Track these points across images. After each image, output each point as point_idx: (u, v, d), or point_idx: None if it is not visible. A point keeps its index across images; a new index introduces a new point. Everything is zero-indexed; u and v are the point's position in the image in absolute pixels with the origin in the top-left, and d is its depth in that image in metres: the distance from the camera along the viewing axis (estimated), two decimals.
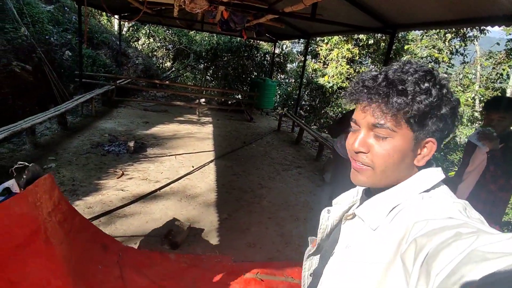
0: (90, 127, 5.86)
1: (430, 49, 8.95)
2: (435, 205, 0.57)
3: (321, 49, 11.67)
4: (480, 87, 8.18)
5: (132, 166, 4.44)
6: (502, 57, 7.89)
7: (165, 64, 13.96)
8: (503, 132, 2.03)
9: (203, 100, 9.59)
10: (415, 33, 10.84)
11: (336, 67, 10.17)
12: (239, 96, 10.35)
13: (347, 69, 10.17)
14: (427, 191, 0.62)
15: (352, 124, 0.68)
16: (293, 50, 14.54)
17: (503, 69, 7.15)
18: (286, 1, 3.94)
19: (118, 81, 7.96)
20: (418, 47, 9.63)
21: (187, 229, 2.91)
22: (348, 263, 0.64)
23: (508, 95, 7.78)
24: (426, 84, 0.59)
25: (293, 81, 13.26)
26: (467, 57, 9.42)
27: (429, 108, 0.59)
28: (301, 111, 12.13)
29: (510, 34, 7.68)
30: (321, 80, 10.66)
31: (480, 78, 8.44)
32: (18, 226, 1.49)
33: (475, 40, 9.20)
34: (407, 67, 0.61)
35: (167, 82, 8.88)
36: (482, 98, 8.00)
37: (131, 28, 13.00)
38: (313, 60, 12.35)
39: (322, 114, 11.96)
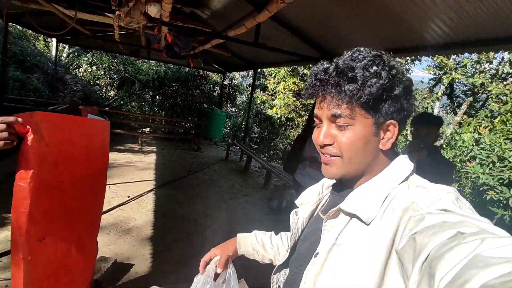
0: (13, 155, 5.09)
1: None
2: (427, 195, 0.55)
3: (269, 82, 12.12)
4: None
5: None
6: (426, 93, 8.90)
7: (109, 93, 13.28)
8: (430, 145, 2.13)
9: (147, 129, 9.13)
10: None
11: (283, 99, 10.55)
12: (187, 125, 10.08)
13: (293, 101, 10.59)
14: (408, 178, 0.63)
15: (314, 119, 0.69)
16: (243, 83, 14.92)
17: (428, 103, 8.02)
18: (230, 26, 3.97)
19: (50, 107, 7.22)
20: None
21: (112, 265, 2.48)
22: (340, 262, 0.61)
23: None
24: (375, 68, 0.59)
25: (242, 113, 13.43)
26: None
27: (382, 91, 0.59)
28: (251, 143, 12.19)
29: (430, 73, 8.74)
30: (269, 112, 10.92)
31: None
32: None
33: None
34: (356, 54, 0.62)
35: (106, 108, 8.29)
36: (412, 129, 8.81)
37: (71, 54, 12.29)
38: (261, 92, 12.73)
39: (272, 145, 12.14)
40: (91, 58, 12.43)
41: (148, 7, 3.01)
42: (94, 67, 12.66)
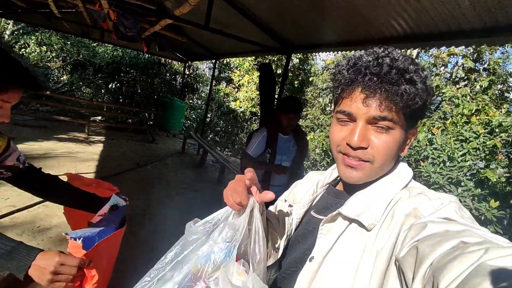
0: None
1: (329, 82, 9.77)
2: (429, 203, 0.54)
3: (234, 75, 11.80)
4: None
5: None
6: None
7: (62, 78, 12.23)
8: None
9: (99, 117, 8.46)
10: (318, 68, 11.85)
11: (247, 92, 10.29)
12: (143, 114, 9.49)
13: (257, 95, 10.38)
14: (408, 183, 0.62)
15: (340, 116, 0.62)
16: (208, 75, 14.46)
17: None
18: (176, 4, 3.60)
19: None
20: (320, 79, 10.45)
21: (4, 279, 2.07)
22: (336, 268, 0.59)
23: None
24: (425, 72, 0.58)
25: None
26: None
27: (425, 98, 0.58)
28: (216, 137, 11.82)
29: None
30: (232, 105, 10.61)
31: None
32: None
33: None
34: (394, 53, 0.59)
35: (47, 92, 7.49)
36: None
37: (15, 32, 11.11)
38: (225, 84, 12.39)
39: (237, 140, 11.86)
40: (40, 37, 11.31)
41: None
42: (44, 48, 11.56)
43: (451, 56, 6.75)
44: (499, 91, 6.81)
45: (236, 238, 0.60)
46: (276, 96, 4.42)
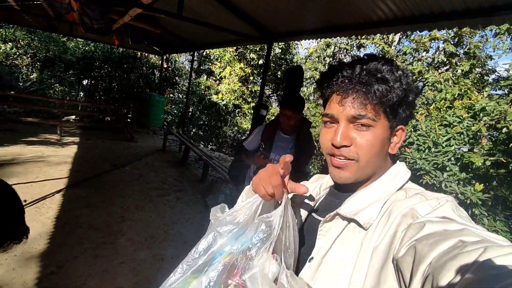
0: None
1: (312, 71, 9.63)
2: (426, 203, 0.55)
3: (214, 67, 11.44)
4: None
5: None
6: None
7: (31, 76, 11.50)
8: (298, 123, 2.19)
9: (73, 117, 8.01)
10: (300, 57, 11.67)
11: (229, 84, 10.01)
12: (120, 111, 9.07)
13: (240, 86, 10.12)
14: (405, 184, 0.64)
15: (325, 119, 0.67)
16: (187, 68, 14.01)
17: None
18: None
19: None
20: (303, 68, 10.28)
21: None
22: (334, 268, 0.60)
23: None
24: (400, 72, 0.61)
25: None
26: None
27: (403, 96, 0.61)
28: (199, 131, 11.50)
29: (378, 46, 8.78)
30: (214, 98, 10.31)
31: None
32: None
33: None
34: (372, 57, 0.63)
35: (12, 92, 6.94)
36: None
37: None
38: (206, 77, 12.04)
39: (221, 133, 11.58)
40: (4, 33, 10.54)
41: None
42: (9, 44, 10.79)
43: (433, 41, 6.70)
44: (479, 74, 6.84)
45: (273, 235, 0.59)
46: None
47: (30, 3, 4.92)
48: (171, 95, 12.39)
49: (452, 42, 6.45)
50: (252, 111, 11.25)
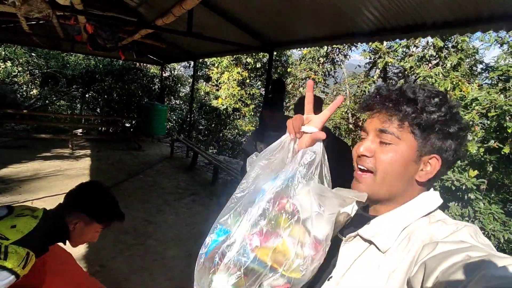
0: None
1: (307, 71, 9.93)
2: (445, 228, 0.57)
3: (212, 73, 11.72)
4: (350, 102, 9.45)
5: None
6: (363, 77, 9.33)
7: (32, 92, 11.70)
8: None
9: (80, 130, 8.25)
10: (295, 58, 11.97)
11: (228, 89, 10.30)
12: (127, 123, 9.33)
13: (238, 90, 10.41)
14: (430, 213, 0.62)
15: (361, 133, 0.69)
16: (184, 74, 14.26)
17: (365, 87, 8.44)
18: (157, 14, 3.59)
19: None
20: (298, 70, 10.59)
21: None
22: (353, 286, 0.61)
23: None
24: (437, 99, 0.60)
25: (187, 105, 12.86)
26: (337, 78, 10.84)
27: (436, 121, 0.59)
28: (199, 136, 11.77)
29: (366, 58, 9.15)
30: (214, 103, 10.59)
31: (349, 95, 9.78)
32: None
33: (342, 63, 10.69)
34: (421, 85, 0.64)
35: (24, 111, 7.22)
36: (353, 112, 9.28)
37: None
38: (204, 83, 12.31)
39: (221, 136, 11.86)
40: (3, 52, 10.74)
41: None
42: (8, 63, 10.99)
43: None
44: (468, 66, 7.19)
45: (317, 160, 0.61)
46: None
47: (39, 26, 5.17)
48: (170, 103, 12.65)
49: (440, 37, 6.81)
50: (251, 113, 11.55)
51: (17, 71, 11.06)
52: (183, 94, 12.94)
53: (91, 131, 8.62)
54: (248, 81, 11.31)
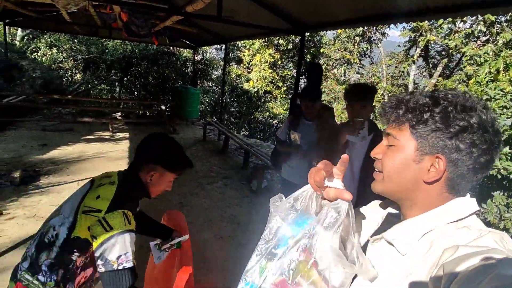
0: None
1: (342, 51, 9.52)
2: (469, 234, 0.57)
3: (244, 55, 11.65)
4: (386, 84, 8.97)
5: (16, 202, 3.59)
6: (401, 57, 8.76)
7: (75, 77, 12.44)
8: (367, 119, 2.08)
9: (119, 114, 8.67)
10: (328, 38, 11.50)
11: (260, 71, 10.20)
12: (162, 107, 9.64)
13: (270, 73, 10.28)
14: (461, 220, 0.61)
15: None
16: (216, 57, 14.31)
17: (404, 67, 7.92)
18: (186, 1, 3.59)
19: (5, 99, 6.66)
20: (332, 50, 10.18)
21: None
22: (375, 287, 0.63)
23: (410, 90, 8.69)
24: (427, 99, 0.62)
25: (219, 88, 12.97)
26: (373, 58, 10.29)
27: (433, 121, 0.61)
28: (231, 118, 11.91)
29: (406, 36, 8.56)
30: (245, 86, 10.58)
31: (386, 76, 9.27)
32: None
33: (379, 42, 10.10)
34: (429, 92, 0.66)
35: (69, 96, 7.70)
36: (389, 94, 8.83)
37: (26, 37, 11.27)
38: (236, 66, 12.27)
39: (252, 119, 11.91)
40: (49, 39, 11.42)
41: None
42: (54, 50, 11.70)
43: None
44: None
45: (341, 218, 0.62)
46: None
47: (78, 15, 5.41)
48: (203, 86, 12.83)
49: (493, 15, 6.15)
50: (283, 96, 11.41)
51: (62, 57, 11.75)
52: (215, 76, 13.06)
53: (129, 114, 9.03)
54: (280, 63, 11.11)
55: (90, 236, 1.11)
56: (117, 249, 1.06)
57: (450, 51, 6.91)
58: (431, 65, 8.57)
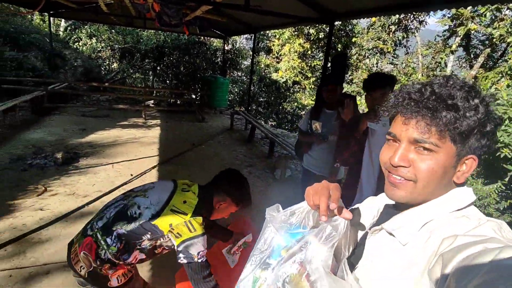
0: (12, 139, 5.16)
1: (375, 41, 9.18)
2: (467, 223, 0.57)
3: (273, 45, 11.58)
4: (422, 75, 8.55)
5: (58, 180, 3.92)
6: (439, 46, 8.29)
7: (112, 66, 13.09)
8: None
9: (151, 102, 9.04)
10: (361, 26, 11.10)
11: (289, 61, 10.12)
12: (193, 95, 9.91)
13: (299, 63, 10.16)
14: (460, 209, 0.61)
15: (388, 137, 0.67)
16: (246, 47, 14.34)
17: (441, 58, 7.50)
18: None
19: (50, 86, 7.19)
20: (365, 39, 9.84)
21: None
22: (373, 279, 0.63)
23: None
24: (476, 100, 0.58)
25: (248, 77, 13.04)
26: (409, 48, 9.81)
27: (476, 125, 0.57)
28: (259, 108, 11.97)
29: (445, 25, 8.06)
30: (274, 76, 10.55)
31: (422, 67, 8.83)
32: None
33: (416, 31, 9.60)
34: (451, 81, 0.61)
35: (106, 84, 8.17)
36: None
37: (68, 28, 11.96)
38: (265, 55, 12.24)
39: (280, 109, 11.91)
40: (89, 30, 12.06)
41: None
42: (94, 40, 12.35)
43: None
44: None
45: (337, 237, 0.63)
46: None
47: (115, 6, 5.68)
48: (232, 75, 12.97)
49: None
50: (312, 86, 11.26)
51: (100, 47, 12.37)
52: (244, 66, 13.14)
53: (161, 102, 9.38)
54: (309, 52, 10.94)
55: (168, 231, 1.33)
56: (197, 247, 1.31)
57: (494, 40, 6.43)
58: (472, 55, 8.02)
